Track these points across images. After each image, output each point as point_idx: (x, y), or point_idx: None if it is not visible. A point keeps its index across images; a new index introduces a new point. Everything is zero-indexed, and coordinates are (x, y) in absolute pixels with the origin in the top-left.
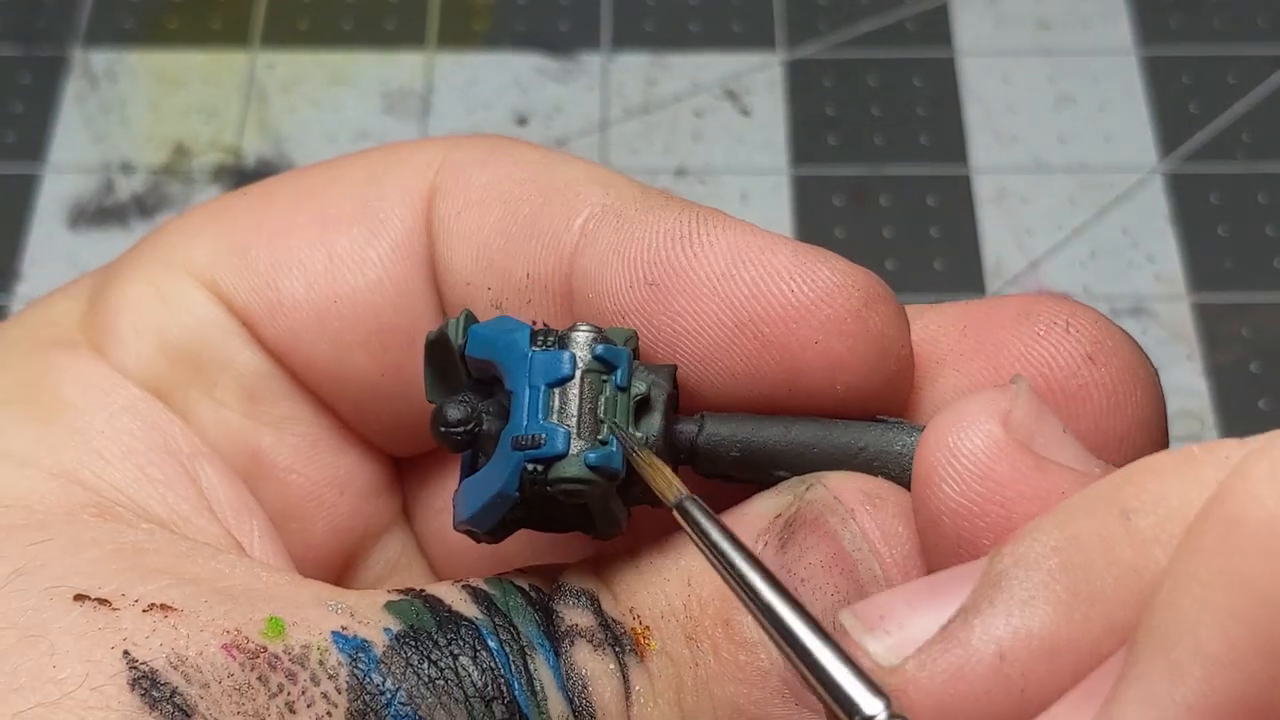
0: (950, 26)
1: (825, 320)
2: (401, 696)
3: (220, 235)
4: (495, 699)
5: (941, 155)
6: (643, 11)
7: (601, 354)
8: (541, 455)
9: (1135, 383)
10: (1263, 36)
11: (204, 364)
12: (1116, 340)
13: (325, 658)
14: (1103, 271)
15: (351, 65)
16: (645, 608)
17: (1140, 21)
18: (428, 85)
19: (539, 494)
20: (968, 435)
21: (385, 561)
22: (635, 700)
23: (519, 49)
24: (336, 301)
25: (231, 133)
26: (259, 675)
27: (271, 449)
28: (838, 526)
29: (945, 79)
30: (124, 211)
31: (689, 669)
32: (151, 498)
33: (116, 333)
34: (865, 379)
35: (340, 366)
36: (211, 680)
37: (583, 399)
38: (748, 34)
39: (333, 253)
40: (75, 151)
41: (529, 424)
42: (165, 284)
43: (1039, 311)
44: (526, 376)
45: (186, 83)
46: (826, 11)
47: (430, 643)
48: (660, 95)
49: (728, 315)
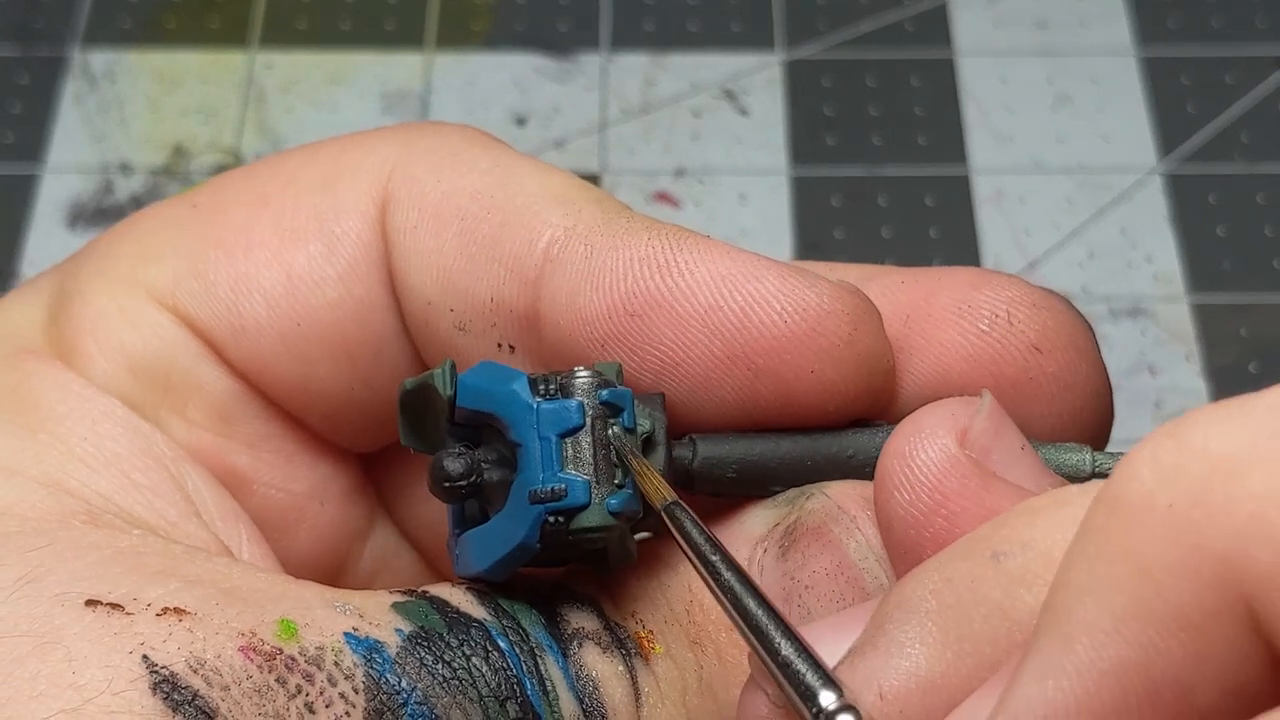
0: (949, 27)
1: (819, 350)
2: (418, 696)
3: (179, 254)
4: (509, 699)
5: (940, 155)
6: (642, 11)
7: (608, 399)
8: (563, 507)
9: (1081, 360)
10: (1261, 37)
11: (174, 385)
12: (1058, 320)
13: (340, 659)
14: (1101, 272)
15: (350, 65)
16: (648, 613)
17: (1139, 21)
18: (426, 85)
19: (559, 542)
20: (923, 447)
21: (373, 556)
22: (645, 702)
23: (518, 49)
24: (299, 323)
25: (230, 133)
26: (277, 677)
27: (248, 467)
28: (842, 535)
29: (944, 79)
30: (122, 212)
31: (693, 672)
32: (138, 503)
33: (83, 351)
34: (856, 398)
35: (308, 383)
36: (231, 683)
37: (596, 446)
38: (747, 34)
39: (291, 273)
40: (74, 152)
41: (545, 476)
42: (129, 304)
43: (979, 304)
44: (535, 428)
45: (185, 83)
46: (825, 12)
47: (442, 643)
48: (659, 95)
49: (718, 346)
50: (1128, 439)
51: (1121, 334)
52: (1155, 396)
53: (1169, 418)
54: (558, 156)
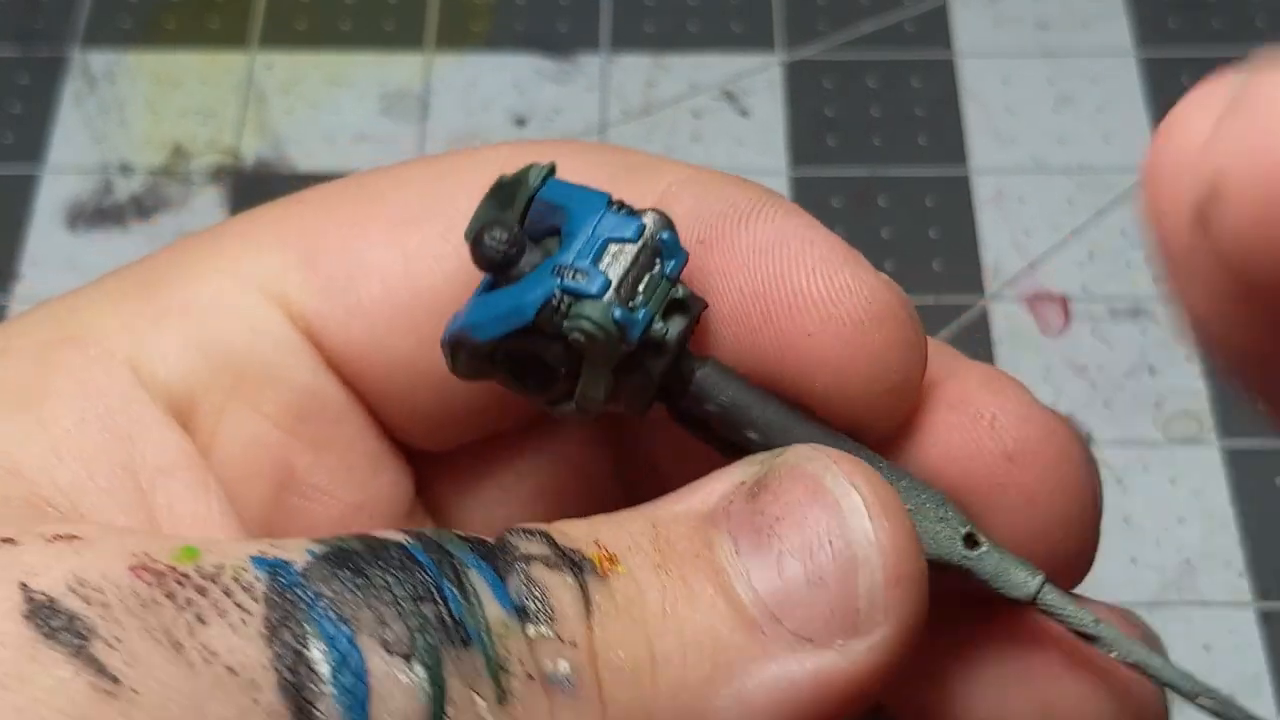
0: (949, 27)
1: (824, 318)
2: (324, 602)
3: (288, 244)
4: (424, 599)
5: (940, 156)
6: (642, 13)
7: (666, 240)
8: (576, 289)
9: (1056, 483)
10: (1261, 37)
11: (252, 376)
12: (1042, 434)
13: (240, 575)
14: (1101, 272)
15: (350, 66)
16: (610, 540)
17: (1139, 22)
18: (426, 86)
19: (547, 330)
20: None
21: None
22: (597, 610)
23: (518, 50)
24: (416, 296)
25: (230, 134)
26: (166, 592)
27: (306, 469)
28: (818, 469)
29: (944, 80)
30: (122, 212)
31: (658, 594)
32: (90, 503)
33: (157, 333)
34: (849, 391)
35: (417, 360)
36: (113, 600)
37: (634, 265)
38: (747, 35)
39: (407, 251)
40: (74, 152)
41: (576, 259)
42: (227, 293)
43: (969, 402)
44: (592, 226)
45: (185, 83)
46: (826, 12)
47: (357, 557)
48: (659, 96)
49: (748, 286)
50: (1128, 439)
51: (1121, 334)
52: (1155, 397)
53: (1169, 418)
54: None
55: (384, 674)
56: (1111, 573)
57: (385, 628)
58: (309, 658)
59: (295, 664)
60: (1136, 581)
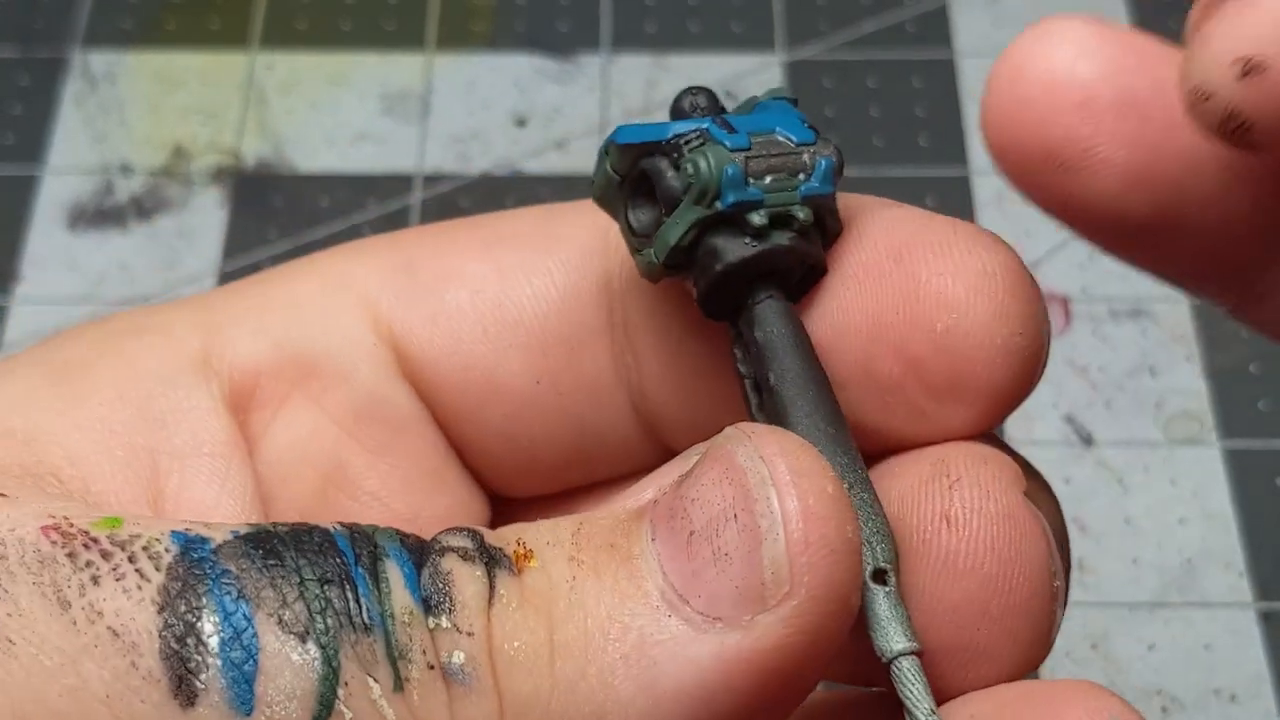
0: (950, 27)
1: (959, 264)
2: (227, 577)
3: (385, 255)
4: (332, 582)
5: (941, 157)
6: (642, 13)
7: (821, 165)
8: (716, 134)
9: (988, 553)
10: None
11: (321, 371)
12: (985, 508)
13: (152, 545)
14: (1101, 272)
15: (351, 66)
16: (531, 538)
17: (1139, 22)
18: (427, 86)
19: (671, 156)
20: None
21: None
22: (498, 601)
23: (519, 50)
24: (501, 306)
25: (230, 134)
26: (69, 552)
27: (360, 470)
28: (734, 447)
29: (945, 80)
30: (123, 213)
31: (565, 584)
32: (96, 474)
33: (234, 323)
34: (968, 335)
35: (495, 372)
36: (12, 554)
37: (777, 158)
38: (747, 35)
39: (501, 265)
40: (74, 153)
41: (737, 121)
42: (312, 292)
43: (946, 461)
44: (774, 117)
45: (185, 84)
46: (826, 12)
47: (276, 540)
48: (660, 96)
49: (884, 236)
50: (1128, 440)
51: (1122, 335)
52: (1156, 398)
53: (1170, 419)
54: (558, 158)
55: (276, 651)
56: (1112, 573)
57: (285, 608)
58: (199, 629)
59: (184, 634)
60: (1137, 582)
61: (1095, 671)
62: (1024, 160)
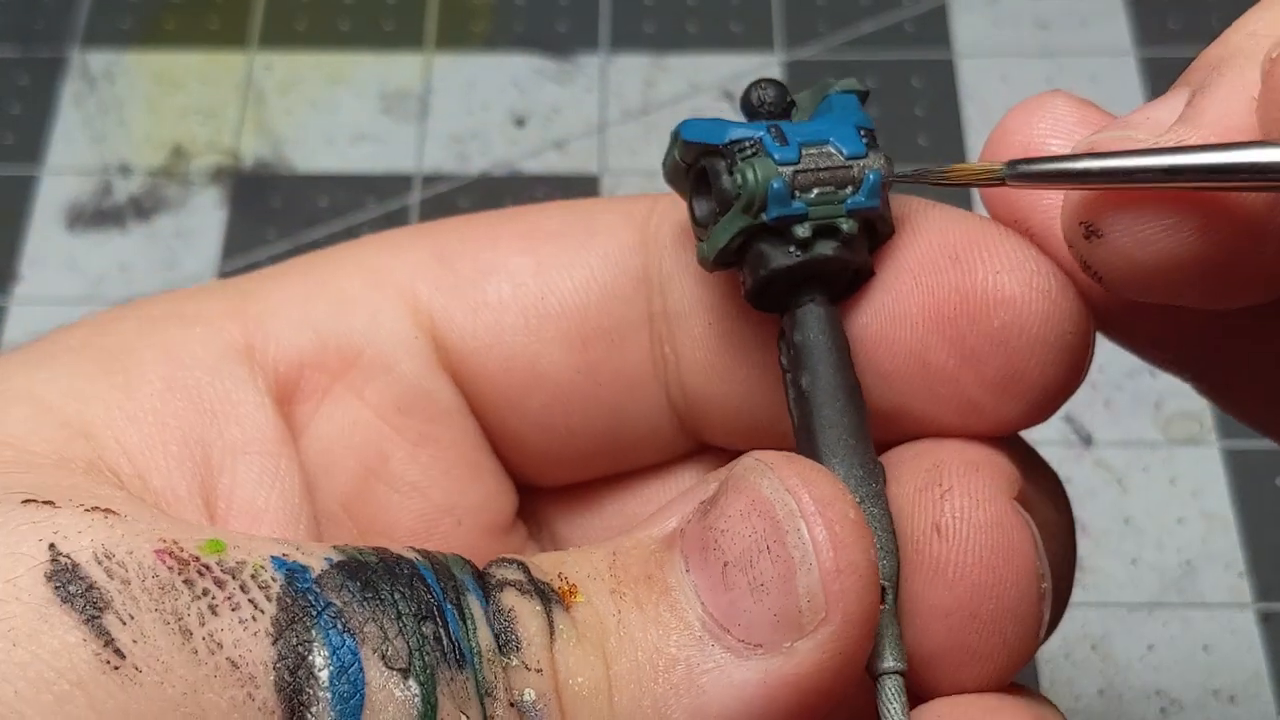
0: (949, 27)
1: (1015, 263)
2: (332, 610)
3: (425, 247)
4: (427, 618)
5: (940, 156)
6: (641, 13)
7: (870, 179)
8: (768, 145)
9: (976, 562)
10: None
11: (363, 363)
12: (974, 518)
13: (259, 573)
14: None
15: (350, 66)
16: (572, 572)
17: (1139, 22)
18: (426, 86)
19: (726, 159)
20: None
21: None
22: (559, 637)
23: (517, 50)
24: (543, 299)
25: (229, 134)
26: (186, 579)
27: (401, 462)
28: (757, 479)
29: (944, 80)
30: (122, 213)
31: (612, 618)
32: (155, 468)
33: (276, 313)
34: (1024, 330)
35: (536, 362)
36: (134, 578)
37: (826, 171)
38: (747, 35)
39: (541, 258)
40: (73, 153)
41: (792, 132)
42: (354, 283)
43: (939, 469)
44: (830, 125)
45: (184, 84)
46: (825, 13)
47: (369, 570)
48: (659, 96)
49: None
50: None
51: None
52: (1155, 397)
53: (1169, 418)
54: (557, 157)
55: (381, 686)
56: (1112, 573)
57: (387, 643)
58: (311, 662)
59: (297, 666)
60: (1137, 582)
61: (1094, 672)
62: (1006, 224)
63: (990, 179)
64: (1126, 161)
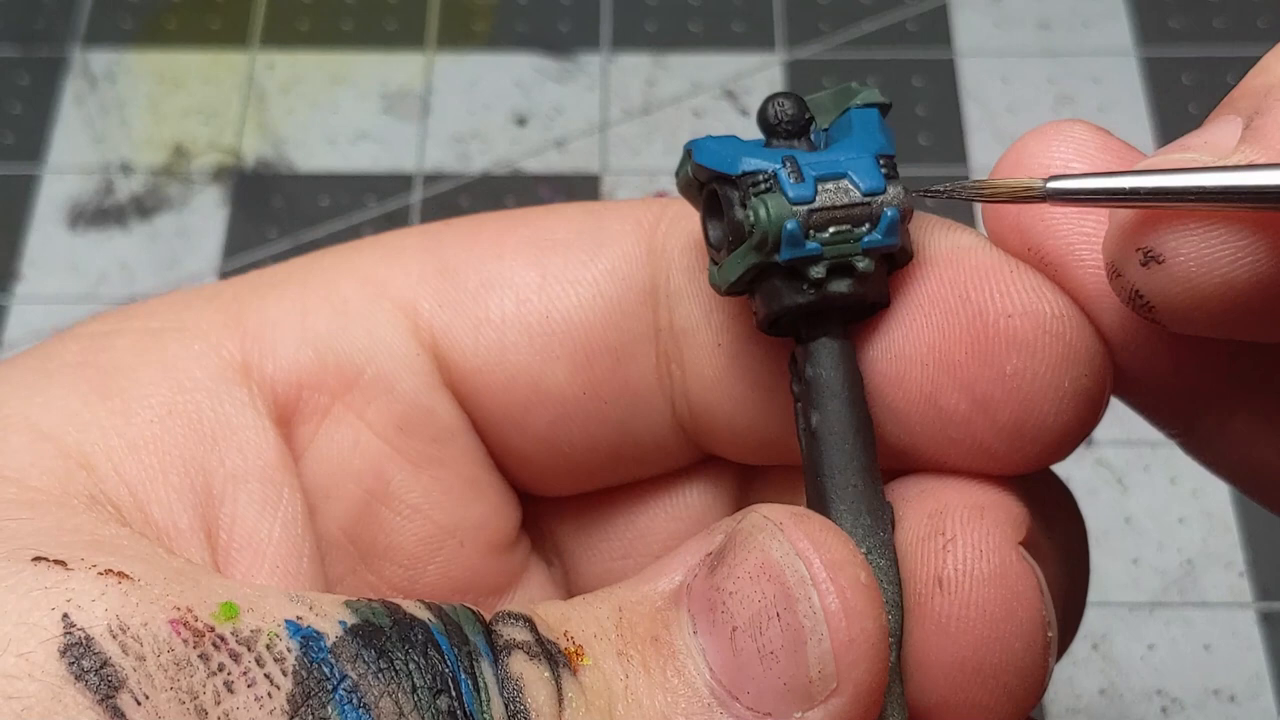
0: (950, 27)
1: (1026, 306)
2: (347, 684)
3: (427, 257)
4: (442, 691)
5: (941, 155)
6: (643, 12)
7: (887, 216)
8: (783, 181)
9: (979, 616)
10: (1263, 37)
11: (364, 382)
12: (977, 570)
13: (274, 643)
14: None
15: (351, 66)
16: (578, 630)
17: (1140, 22)
18: (427, 86)
19: (740, 191)
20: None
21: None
22: (568, 706)
23: (519, 49)
24: (547, 316)
25: (231, 133)
26: (201, 653)
27: (403, 484)
28: (766, 540)
29: (945, 79)
30: (123, 212)
31: (620, 682)
32: (155, 500)
33: (275, 328)
34: (1038, 375)
35: (541, 380)
36: (149, 654)
37: (842, 209)
38: (748, 34)
39: (546, 272)
40: (74, 152)
41: (808, 166)
42: (354, 298)
43: (940, 517)
44: (849, 156)
45: (186, 83)
46: (826, 12)
47: (383, 636)
48: (660, 96)
49: (949, 275)
50: (1127, 439)
51: None
52: None
53: None
54: (559, 157)
55: None
56: (1112, 573)
57: (403, 718)
58: None
59: None
60: (1137, 582)
61: (1095, 671)
62: (1014, 252)
63: (1028, 196)
64: (1192, 179)
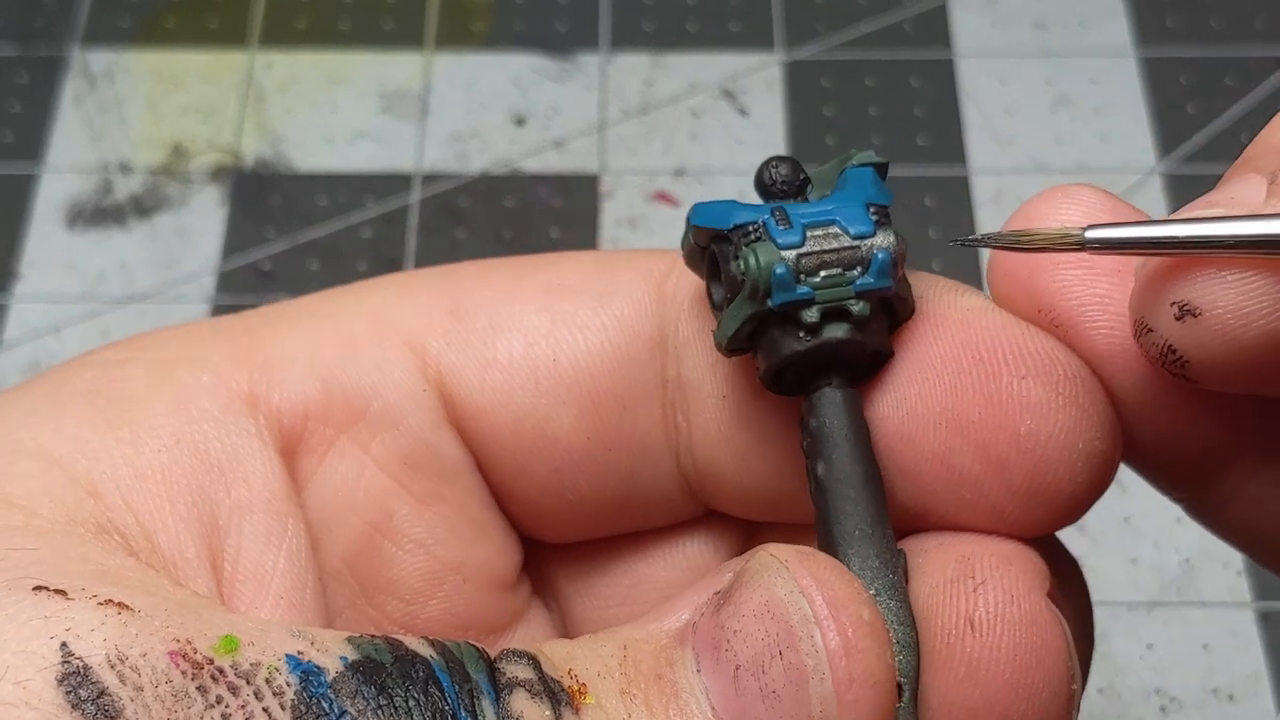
0: (948, 27)
1: (1040, 367)
2: (347, 719)
3: (438, 298)
4: None
5: (939, 156)
6: (641, 12)
7: (879, 259)
8: (771, 230)
9: (1010, 660)
10: (1261, 37)
11: (370, 416)
12: (1009, 614)
13: (274, 676)
14: None
15: (350, 65)
16: (582, 669)
17: (1138, 22)
18: (426, 85)
19: (733, 245)
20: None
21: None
22: None
23: (517, 49)
24: (555, 360)
25: (229, 133)
26: (199, 685)
27: (405, 519)
28: (771, 578)
29: (943, 80)
30: (122, 212)
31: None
32: (162, 530)
33: (284, 360)
34: (1051, 439)
35: (547, 425)
36: (147, 684)
37: (833, 254)
38: (746, 34)
39: (555, 316)
40: (73, 152)
41: (796, 215)
42: (363, 334)
43: (973, 555)
44: (837, 204)
45: (184, 83)
46: (825, 12)
47: (384, 673)
48: (658, 95)
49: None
50: None
51: None
52: None
53: None
54: (557, 157)
55: None
56: (1111, 573)
57: None
58: None
59: None
60: (1136, 582)
61: (1094, 671)
62: (1023, 313)
63: (1067, 245)
64: (1232, 227)
